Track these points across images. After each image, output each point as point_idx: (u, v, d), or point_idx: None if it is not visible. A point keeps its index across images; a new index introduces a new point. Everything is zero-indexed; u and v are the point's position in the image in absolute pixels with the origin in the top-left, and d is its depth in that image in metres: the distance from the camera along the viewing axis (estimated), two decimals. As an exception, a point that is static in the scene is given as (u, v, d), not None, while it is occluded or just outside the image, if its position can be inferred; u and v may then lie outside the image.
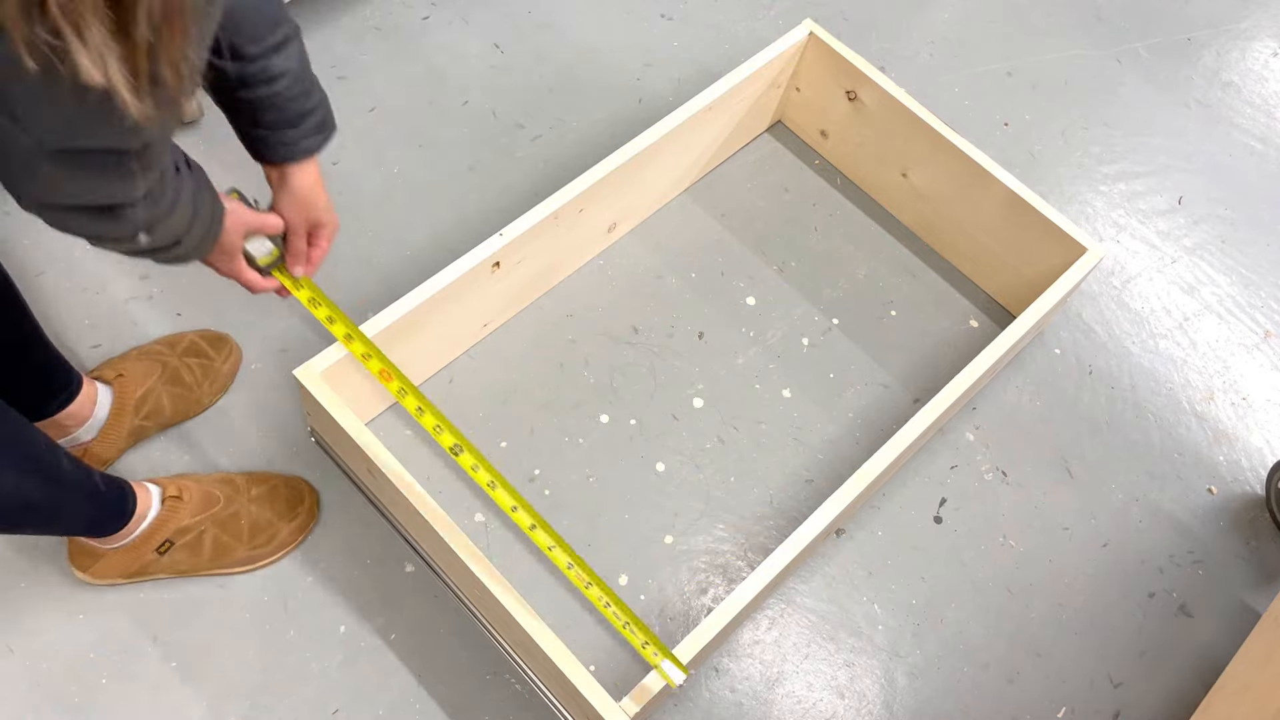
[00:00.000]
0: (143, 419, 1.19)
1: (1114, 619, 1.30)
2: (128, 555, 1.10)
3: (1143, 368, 1.49)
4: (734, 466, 1.32)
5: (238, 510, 1.15)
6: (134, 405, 1.17)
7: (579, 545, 1.24)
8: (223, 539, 1.14)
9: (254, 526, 1.15)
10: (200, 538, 1.13)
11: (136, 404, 1.18)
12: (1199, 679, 1.28)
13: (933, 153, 1.41)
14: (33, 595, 1.14)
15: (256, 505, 1.16)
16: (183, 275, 1.35)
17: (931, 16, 1.78)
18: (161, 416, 1.21)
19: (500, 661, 1.17)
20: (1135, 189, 1.65)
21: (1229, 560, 1.36)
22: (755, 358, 1.40)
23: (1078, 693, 1.25)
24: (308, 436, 1.27)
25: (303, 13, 1.57)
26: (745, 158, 1.56)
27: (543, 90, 1.58)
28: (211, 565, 1.14)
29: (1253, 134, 1.74)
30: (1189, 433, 1.45)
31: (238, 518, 1.15)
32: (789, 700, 1.20)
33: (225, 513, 1.14)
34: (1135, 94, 1.75)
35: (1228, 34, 1.86)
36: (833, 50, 1.43)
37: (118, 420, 1.17)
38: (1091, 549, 1.34)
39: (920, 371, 1.42)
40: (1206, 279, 1.58)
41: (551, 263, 1.36)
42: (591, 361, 1.36)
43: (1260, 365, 1.52)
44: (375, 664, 1.15)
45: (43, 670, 1.11)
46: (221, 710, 1.11)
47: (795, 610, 1.25)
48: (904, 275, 1.49)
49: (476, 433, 1.29)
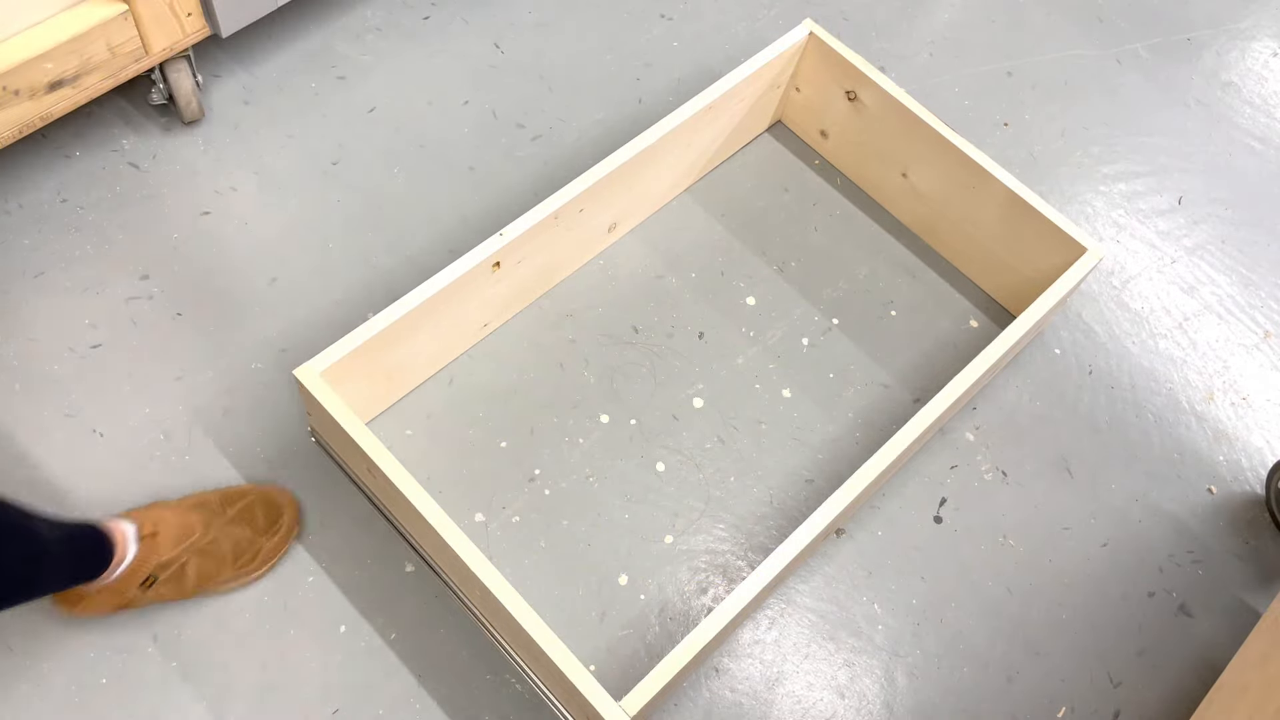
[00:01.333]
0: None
1: (1114, 618, 1.29)
2: (112, 593, 1.07)
3: (1142, 367, 1.47)
4: (734, 466, 1.30)
5: (216, 536, 1.12)
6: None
7: (578, 545, 1.23)
8: (206, 566, 1.11)
9: (236, 548, 1.13)
10: (183, 569, 1.10)
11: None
12: (1198, 678, 1.27)
13: (933, 153, 1.40)
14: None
15: (235, 525, 1.13)
16: (184, 275, 1.34)
17: (931, 17, 1.77)
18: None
19: (500, 661, 1.16)
20: (1135, 189, 1.64)
21: (1228, 560, 1.35)
22: (755, 358, 1.38)
23: (1077, 692, 1.24)
24: (308, 436, 1.26)
25: (303, 13, 1.55)
26: (745, 158, 1.55)
27: (543, 90, 1.57)
28: (198, 590, 1.12)
29: (1253, 134, 1.73)
30: (1189, 432, 1.43)
31: (217, 544, 1.12)
32: (789, 700, 1.19)
33: (204, 540, 1.11)
34: (1135, 94, 1.74)
35: (1227, 34, 1.84)
36: (833, 50, 1.42)
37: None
38: (1091, 548, 1.33)
39: (920, 371, 1.40)
40: (1206, 279, 1.57)
41: (552, 263, 1.35)
42: (592, 361, 1.35)
43: (1260, 365, 1.51)
44: (375, 664, 1.14)
45: (42, 670, 1.10)
46: (222, 710, 1.10)
47: (795, 610, 1.24)
48: (904, 275, 1.48)
49: (477, 432, 1.28)
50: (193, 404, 1.26)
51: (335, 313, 1.34)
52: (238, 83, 1.50)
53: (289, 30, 1.54)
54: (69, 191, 1.37)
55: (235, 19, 1.37)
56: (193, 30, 1.34)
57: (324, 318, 1.33)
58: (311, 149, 1.46)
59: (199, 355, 1.29)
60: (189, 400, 1.26)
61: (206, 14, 1.34)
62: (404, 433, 1.27)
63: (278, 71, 1.51)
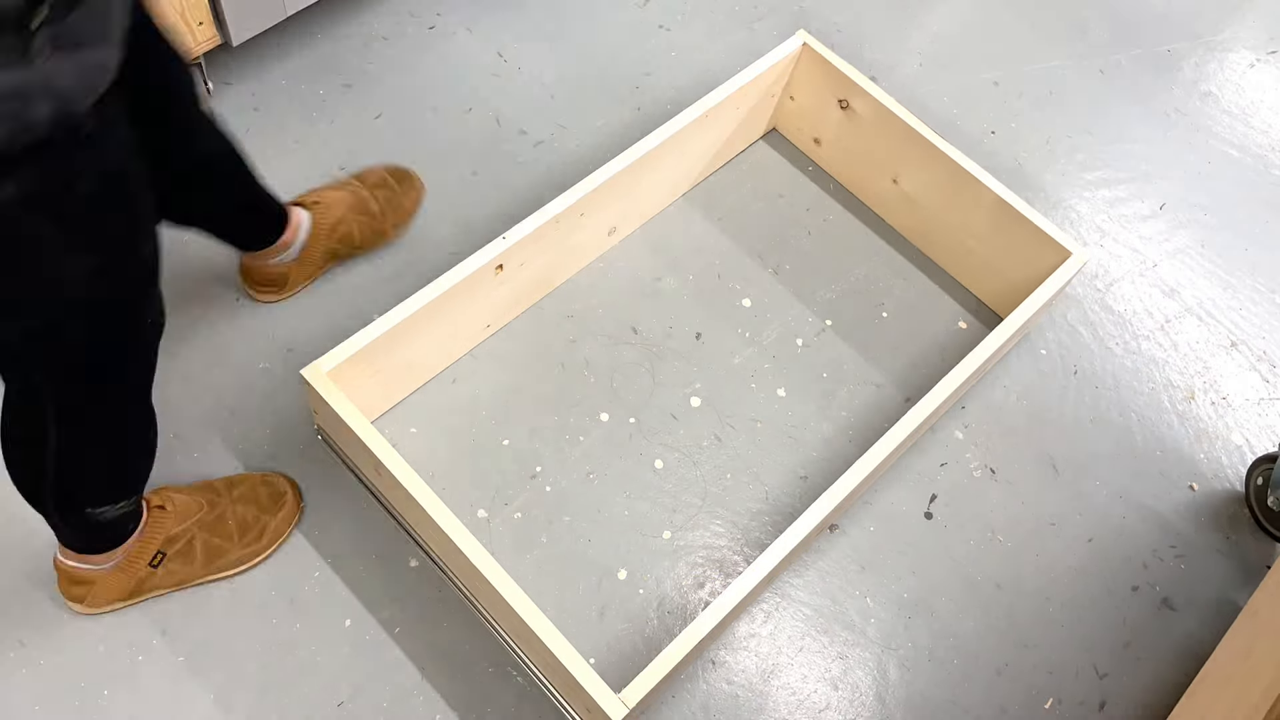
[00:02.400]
0: (336, 243, 1.29)
1: (1099, 612, 1.29)
2: (122, 575, 1.07)
3: (1126, 368, 1.48)
4: (730, 464, 1.31)
5: (223, 512, 1.13)
6: (329, 230, 1.27)
7: (579, 541, 1.23)
8: (213, 542, 1.11)
9: (241, 525, 1.13)
10: (190, 544, 1.10)
11: (330, 228, 1.27)
12: (1182, 670, 1.27)
13: (923, 160, 1.40)
14: (42, 590, 1.13)
15: (239, 504, 1.14)
16: (192, 276, 1.33)
17: (921, 29, 1.78)
18: (351, 242, 1.31)
19: (503, 654, 1.16)
20: (1118, 195, 1.65)
21: (1210, 555, 1.36)
22: (751, 358, 1.39)
23: (1065, 683, 1.24)
24: (314, 435, 1.26)
25: (311, 22, 1.56)
26: (741, 164, 1.55)
27: (545, 98, 1.57)
28: (207, 570, 1.12)
29: (1231, 142, 1.74)
30: (1171, 431, 1.44)
31: (224, 519, 1.12)
32: (784, 692, 1.19)
33: (210, 516, 1.12)
34: (1118, 103, 1.75)
35: (1206, 46, 1.86)
36: (826, 60, 1.42)
37: (314, 243, 1.27)
38: (1077, 544, 1.33)
39: (911, 372, 1.41)
40: (1187, 282, 1.58)
41: (553, 265, 1.35)
42: (592, 362, 1.35)
43: (1239, 365, 1.51)
44: (380, 657, 1.14)
45: (53, 664, 1.10)
46: (229, 702, 1.10)
47: (790, 604, 1.24)
48: (895, 278, 1.49)
49: (479, 431, 1.28)
50: (201, 403, 1.26)
51: (341, 314, 1.34)
52: (247, 90, 1.50)
53: (297, 39, 1.54)
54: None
55: (245, 28, 1.37)
56: (204, 39, 1.34)
57: (330, 318, 1.33)
58: (319, 155, 1.46)
59: (207, 355, 1.29)
60: (197, 400, 1.26)
61: (217, 23, 1.34)
62: (408, 431, 1.27)
63: (286, 79, 1.51)
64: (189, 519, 1.10)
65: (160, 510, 1.08)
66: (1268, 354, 1.53)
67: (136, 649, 1.11)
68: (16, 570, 1.14)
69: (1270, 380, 1.51)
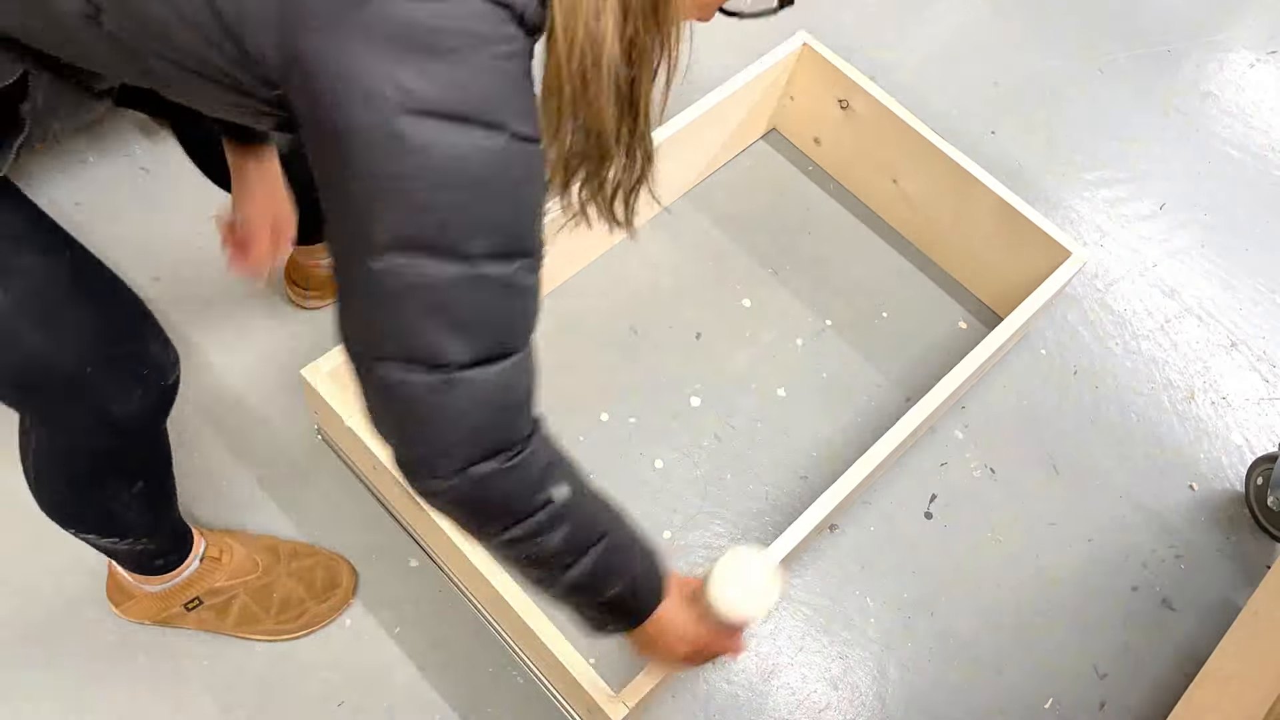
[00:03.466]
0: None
1: (1099, 612, 1.27)
2: (157, 602, 1.06)
3: (1125, 368, 1.46)
4: (730, 464, 1.29)
5: (271, 582, 1.09)
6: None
7: (579, 540, 1.22)
8: (251, 608, 1.08)
9: (284, 601, 1.10)
10: (229, 602, 1.08)
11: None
12: (1181, 670, 1.25)
13: (922, 160, 1.38)
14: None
15: (292, 579, 1.10)
16: (194, 277, 1.32)
17: (921, 29, 1.75)
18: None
19: (504, 655, 1.14)
20: (1118, 195, 1.62)
21: (1210, 555, 1.34)
22: (751, 358, 1.37)
23: (1064, 683, 1.22)
24: (314, 434, 1.24)
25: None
26: (741, 164, 1.53)
27: (545, 99, 1.55)
28: (235, 630, 1.09)
29: (1231, 142, 1.72)
30: (1170, 431, 1.42)
31: (270, 590, 1.09)
32: (784, 691, 1.17)
33: (259, 582, 1.09)
34: (1118, 103, 1.73)
35: (1206, 45, 1.83)
36: (826, 60, 1.40)
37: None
38: (1077, 544, 1.31)
39: (911, 372, 1.39)
40: (1187, 282, 1.56)
41: (553, 265, 1.33)
42: (592, 361, 1.33)
43: (1239, 366, 1.49)
44: (381, 657, 1.12)
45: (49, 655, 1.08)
46: (229, 704, 1.08)
47: (790, 604, 1.22)
48: (895, 278, 1.46)
49: (480, 431, 1.26)
50: (201, 403, 1.24)
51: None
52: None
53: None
54: (83, 195, 1.36)
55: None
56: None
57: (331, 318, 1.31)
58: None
59: (207, 354, 1.28)
60: (197, 399, 1.24)
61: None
62: (409, 431, 1.25)
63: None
64: (238, 578, 1.08)
65: (214, 561, 1.06)
66: (1268, 354, 1.51)
67: (135, 648, 1.10)
68: (33, 596, 1.12)
69: (1270, 380, 1.48)
